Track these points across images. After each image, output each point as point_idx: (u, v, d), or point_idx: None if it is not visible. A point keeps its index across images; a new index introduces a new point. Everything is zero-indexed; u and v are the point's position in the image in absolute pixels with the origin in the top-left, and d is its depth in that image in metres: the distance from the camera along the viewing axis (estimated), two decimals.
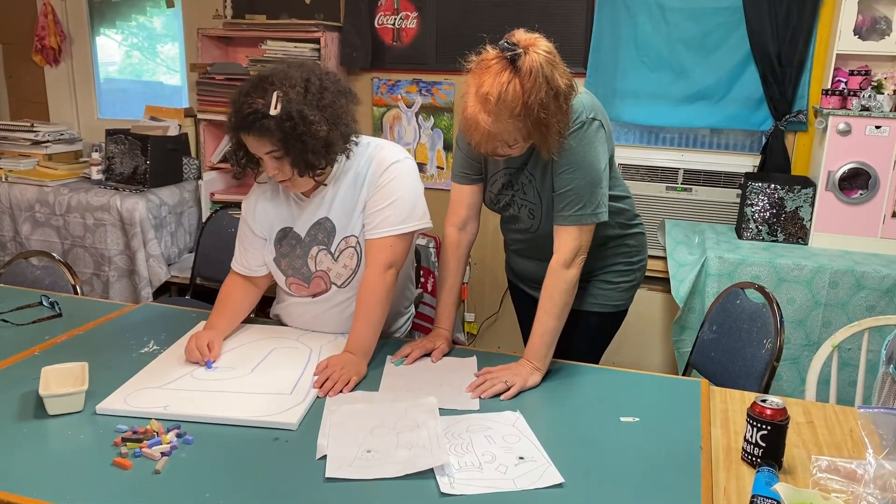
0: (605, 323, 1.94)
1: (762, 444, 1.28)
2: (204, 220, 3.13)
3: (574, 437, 1.41)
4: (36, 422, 1.41)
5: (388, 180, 1.72)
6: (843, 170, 2.74)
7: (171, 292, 3.67)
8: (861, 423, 1.27)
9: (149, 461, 1.27)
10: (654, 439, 1.40)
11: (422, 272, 3.39)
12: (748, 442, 1.31)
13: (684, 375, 2.08)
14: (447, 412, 1.48)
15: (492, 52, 1.50)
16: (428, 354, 1.76)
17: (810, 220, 2.83)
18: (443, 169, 3.61)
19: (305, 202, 1.79)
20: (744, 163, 3.19)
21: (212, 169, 3.68)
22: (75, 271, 2.37)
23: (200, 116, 3.59)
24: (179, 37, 3.98)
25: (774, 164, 3.07)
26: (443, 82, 3.52)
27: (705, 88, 3.14)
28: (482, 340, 3.73)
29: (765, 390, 1.74)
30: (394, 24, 3.53)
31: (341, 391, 1.55)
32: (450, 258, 1.86)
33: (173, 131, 3.69)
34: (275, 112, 1.56)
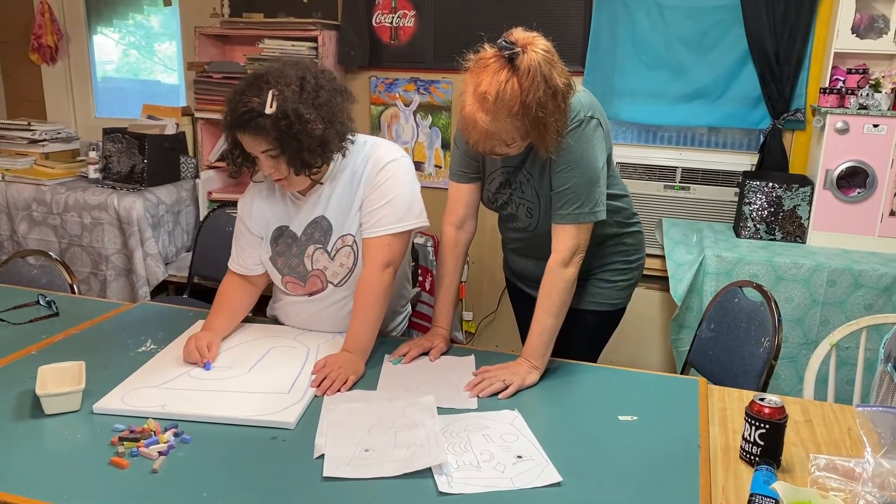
0: (603, 322, 1.94)
1: (760, 443, 1.28)
2: (201, 219, 3.13)
3: (572, 435, 1.41)
4: (32, 421, 1.40)
5: (384, 179, 1.72)
6: (841, 168, 2.74)
7: (169, 291, 3.67)
8: (859, 421, 1.27)
9: (146, 461, 1.27)
10: (653, 438, 1.40)
11: (420, 271, 3.38)
12: (746, 440, 1.31)
13: (682, 374, 2.08)
14: (445, 411, 1.47)
15: (490, 50, 1.50)
16: (426, 353, 1.75)
17: (808, 218, 2.83)
18: (441, 167, 3.61)
19: (302, 201, 1.79)
20: (742, 161, 3.19)
21: (209, 168, 3.67)
22: (72, 270, 2.37)
23: (198, 115, 3.59)
24: (177, 35, 3.97)
25: (772, 162, 3.07)
26: (441, 81, 3.52)
27: (703, 87, 3.14)
28: (480, 339, 3.72)
29: (763, 389, 1.74)
30: (392, 23, 3.53)
31: (339, 390, 1.55)
32: (447, 257, 1.86)
33: (171, 130, 3.68)
34: (270, 111, 1.55)
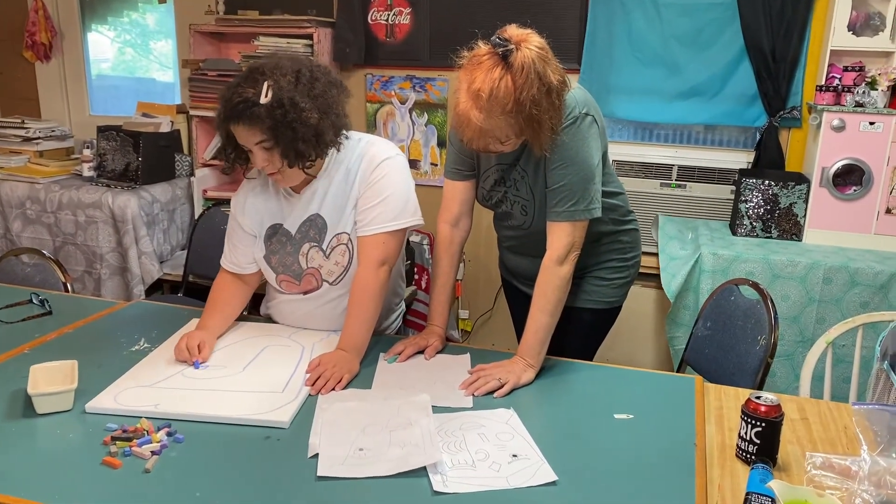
0: (598, 319, 1.94)
1: (756, 441, 1.28)
2: (196, 217, 3.12)
3: (568, 434, 1.41)
4: (24, 421, 1.39)
5: (379, 177, 1.71)
6: (837, 166, 2.74)
7: (164, 290, 3.65)
8: (855, 419, 1.27)
9: (139, 460, 1.26)
10: (649, 436, 1.39)
11: (415, 269, 3.37)
12: (742, 439, 1.30)
13: (678, 372, 2.08)
14: (440, 410, 1.47)
15: (483, 47, 1.49)
16: (421, 352, 1.75)
17: (804, 216, 2.83)
18: (437, 165, 3.60)
19: (296, 198, 1.78)
20: (738, 159, 3.19)
21: (204, 166, 3.66)
22: (66, 269, 2.36)
23: (193, 113, 3.58)
24: (172, 33, 3.96)
25: (768, 160, 3.07)
26: (436, 78, 3.51)
27: (699, 84, 3.14)
28: (476, 337, 3.72)
29: (759, 387, 1.74)
30: (387, 20, 3.52)
31: (333, 389, 1.54)
32: (443, 255, 1.85)
33: (165, 128, 3.67)
34: (265, 100, 1.55)
